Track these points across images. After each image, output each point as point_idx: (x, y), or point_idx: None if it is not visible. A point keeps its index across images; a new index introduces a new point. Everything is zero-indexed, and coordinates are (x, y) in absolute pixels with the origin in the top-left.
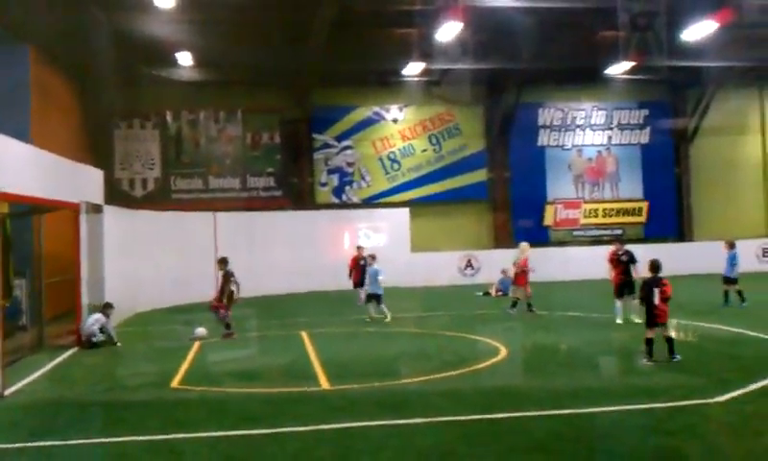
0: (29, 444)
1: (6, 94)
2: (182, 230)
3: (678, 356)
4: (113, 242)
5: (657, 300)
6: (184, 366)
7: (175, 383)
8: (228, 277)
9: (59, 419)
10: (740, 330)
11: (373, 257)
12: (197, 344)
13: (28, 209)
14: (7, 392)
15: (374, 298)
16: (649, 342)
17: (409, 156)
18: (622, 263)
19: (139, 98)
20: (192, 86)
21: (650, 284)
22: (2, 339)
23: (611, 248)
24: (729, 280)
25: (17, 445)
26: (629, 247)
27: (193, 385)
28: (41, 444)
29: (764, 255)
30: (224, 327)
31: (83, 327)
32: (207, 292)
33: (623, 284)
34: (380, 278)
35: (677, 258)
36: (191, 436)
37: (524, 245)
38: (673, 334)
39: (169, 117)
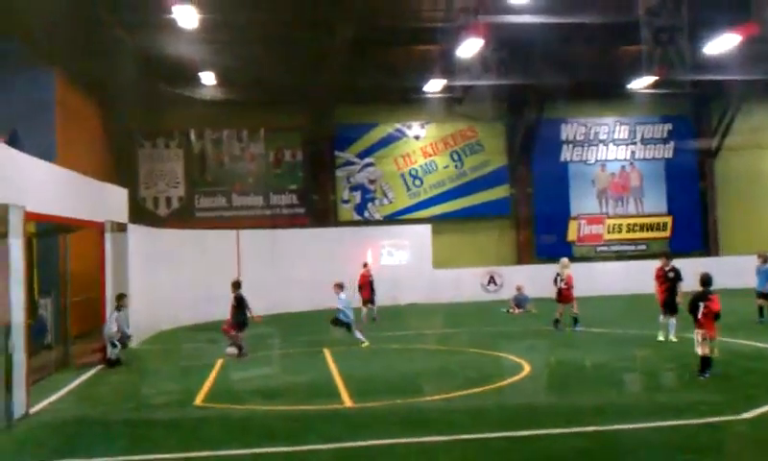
0: None
1: (31, 115)
2: (206, 249)
3: (707, 374)
4: (138, 261)
5: (700, 314)
6: (208, 384)
7: (198, 401)
8: (240, 301)
9: (83, 437)
10: (766, 346)
11: (341, 287)
12: (219, 362)
13: (53, 228)
14: (32, 410)
15: (346, 325)
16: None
17: (431, 172)
18: (669, 280)
19: (163, 117)
20: (215, 106)
21: (697, 298)
22: (28, 357)
23: (657, 264)
24: (763, 295)
25: None
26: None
27: (217, 403)
28: None
29: None
30: (237, 349)
31: (104, 331)
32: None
33: (668, 302)
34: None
35: None
36: (215, 454)
37: (566, 260)
38: (699, 351)
39: (193, 136)
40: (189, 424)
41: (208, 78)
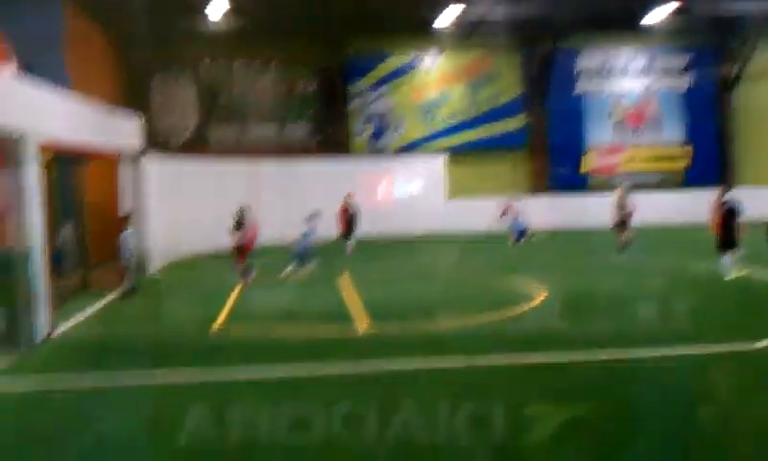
0: (76, 383)
1: (43, 46)
2: (220, 178)
3: None
4: (154, 190)
5: None
6: (227, 308)
7: (218, 325)
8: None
9: (104, 358)
10: None
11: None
12: (237, 288)
13: (71, 158)
14: (54, 333)
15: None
16: None
17: (445, 103)
18: (725, 212)
19: (175, 48)
20: (227, 36)
21: None
22: (49, 282)
23: (714, 195)
24: None
25: (64, 383)
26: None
27: (236, 327)
28: (88, 383)
29: None
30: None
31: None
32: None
33: (723, 238)
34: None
35: None
36: (235, 377)
37: (626, 186)
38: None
39: (205, 67)
40: (209, 346)
41: (221, 7)
